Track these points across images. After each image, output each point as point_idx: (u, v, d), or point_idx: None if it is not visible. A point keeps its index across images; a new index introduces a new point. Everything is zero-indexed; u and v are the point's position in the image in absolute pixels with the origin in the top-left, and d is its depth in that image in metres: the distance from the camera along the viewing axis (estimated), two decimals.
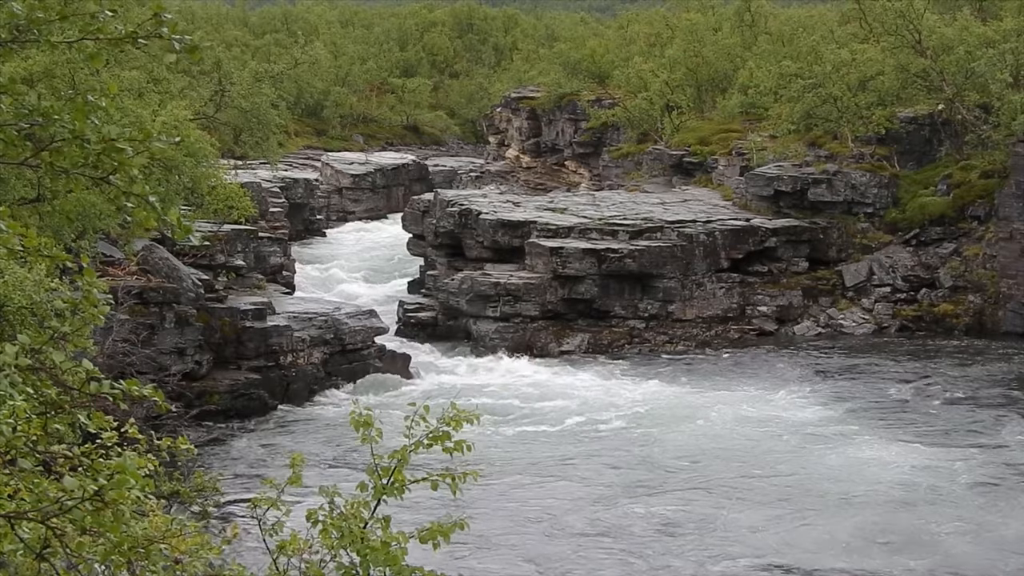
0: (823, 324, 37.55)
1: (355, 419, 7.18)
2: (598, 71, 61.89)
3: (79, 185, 6.37)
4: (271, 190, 47.67)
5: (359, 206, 62.20)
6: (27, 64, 23.41)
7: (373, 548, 6.63)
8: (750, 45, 55.08)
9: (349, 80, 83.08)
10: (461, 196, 43.16)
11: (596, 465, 25.11)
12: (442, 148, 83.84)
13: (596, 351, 35.88)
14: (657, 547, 20.53)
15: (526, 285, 36.22)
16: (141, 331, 26.31)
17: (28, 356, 6.42)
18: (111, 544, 6.20)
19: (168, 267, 28.52)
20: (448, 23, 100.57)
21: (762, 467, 24.69)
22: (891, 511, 21.91)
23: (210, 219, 31.77)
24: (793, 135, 42.16)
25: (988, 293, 36.70)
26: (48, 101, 6.06)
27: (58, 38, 6.34)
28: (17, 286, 14.34)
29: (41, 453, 6.35)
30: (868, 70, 42.13)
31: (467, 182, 65.31)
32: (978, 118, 39.59)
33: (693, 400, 30.14)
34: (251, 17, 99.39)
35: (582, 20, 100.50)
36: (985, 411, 28.14)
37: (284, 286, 37.18)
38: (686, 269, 37.24)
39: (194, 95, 40.24)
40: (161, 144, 6.11)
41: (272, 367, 29.95)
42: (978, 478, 23.50)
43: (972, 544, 20.35)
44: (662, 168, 48.05)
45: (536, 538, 21.07)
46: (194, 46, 6.04)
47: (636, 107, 53.43)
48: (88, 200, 21.24)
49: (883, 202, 39.51)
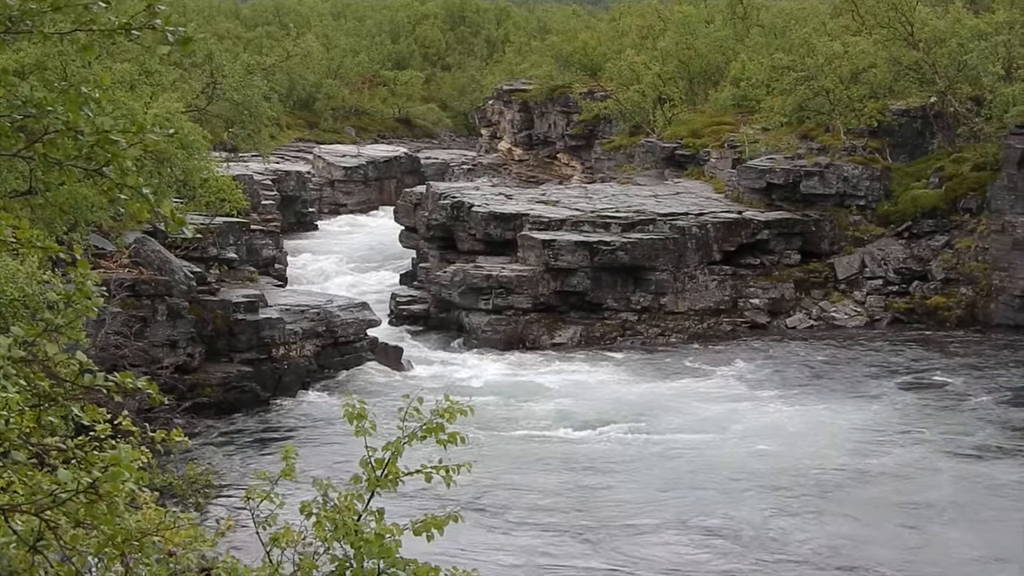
0: (815, 317, 37.58)
1: (348, 411, 7.18)
2: (590, 64, 61.85)
3: (72, 177, 6.34)
4: (263, 183, 47.65)
5: (351, 199, 62.15)
6: (19, 56, 23.34)
7: (367, 540, 6.63)
8: (742, 37, 55.08)
9: (341, 73, 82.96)
10: (453, 189, 43.14)
11: (594, 462, 25.02)
12: (434, 141, 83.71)
13: (588, 344, 35.89)
14: (656, 548, 20.56)
15: (518, 278, 36.22)
16: (133, 324, 26.29)
17: (21, 348, 6.41)
18: (105, 537, 6.19)
19: (160, 260, 28.48)
20: (440, 15, 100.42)
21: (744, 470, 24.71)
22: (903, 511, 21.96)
23: (202, 212, 31.73)
24: (785, 128, 42.16)
25: (980, 285, 36.75)
26: (41, 93, 6.04)
27: (51, 29, 6.32)
28: (10, 278, 14.32)
29: (34, 445, 6.34)
30: (860, 63, 42.13)
31: (459, 175, 65.26)
32: (970, 111, 39.63)
33: (688, 393, 30.18)
34: (243, 9, 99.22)
35: (574, 13, 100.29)
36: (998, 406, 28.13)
37: (276, 279, 37.18)
38: (678, 262, 37.25)
39: (186, 87, 40.14)
40: (155, 136, 6.10)
41: (264, 359, 29.92)
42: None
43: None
44: (654, 161, 48.05)
45: (529, 532, 21.09)
46: (187, 38, 6.03)
47: (628, 100, 53.44)
48: (80, 192, 21.20)
49: (875, 195, 39.55)
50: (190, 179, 28.97)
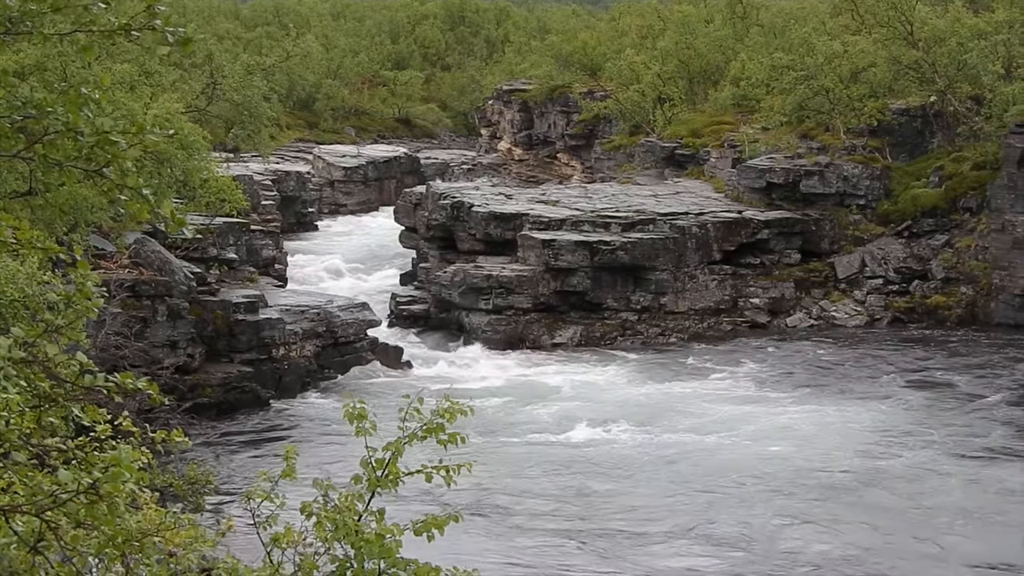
0: (815, 316, 37.58)
1: (348, 411, 7.18)
2: (590, 63, 61.82)
3: (72, 178, 6.34)
4: (263, 183, 47.62)
5: (351, 199, 62.13)
6: (18, 57, 23.34)
7: (367, 541, 6.63)
8: (742, 37, 55.05)
9: (341, 73, 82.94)
10: (453, 189, 43.14)
11: (600, 465, 24.83)
12: (434, 141, 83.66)
13: (588, 343, 35.88)
14: (668, 558, 20.52)
15: (518, 277, 36.22)
16: (133, 324, 26.29)
17: (21, 349, 6.41)
18: (105, 537, 6.19)
19: (160, 260, 28.48)
20: (440, 16, 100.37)
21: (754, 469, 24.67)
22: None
23: (202, 212, 31.72)
24: (785, 127, 42.14)
25: (980, 284, 36.75)
26: (41, 93, 6.04)
27: (51, 30, 6.32)
28: (10, 279, 14.32)
29: (35, 446, 6.34)
30: (860, 62, 42.12)
31: (459, 175, 65.24)
32: (970, 110, 39.63)
33: (694, 394, 30.16)
34: (243, 10, 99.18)
35: (574, 12, 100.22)
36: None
37: (276, 279, 37.17)
38: (678, 261, 37.25)
39: (186, 88, 40.14)
40: (155, 137, 6.10)
41: (264, 360, 29.92)
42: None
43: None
44: (654, 160, 48.04)
45: (532, 539, 21.00)
46: (187, 39, 6.03)
47: (628, 99, 53.42)
48: (80, 193, 21.19)
49: (875, 194, 39.55)
50: (190, 180, 28.96)
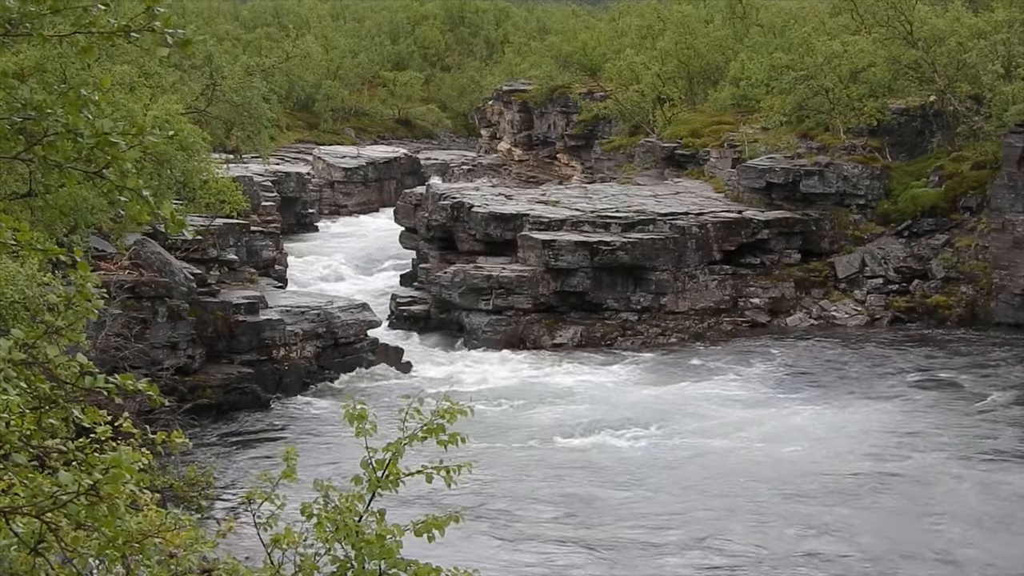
0: (815, 316, 37.57)
1: (349, 412, 7.18)
2: (589, 64, 61.83)
3: (72, 179, 6.34)
4: (263, 184, 47.61)
5: (351, 200, 62.12)
6: (18, 58, 23.34)
7: (368, 541, 6.63)
8: (741, 37, 55.03)
9: (340, 74, 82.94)
10: (453, 189, 43.14)
11: (604, 468, 24.73)
12: (434, 141, 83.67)
13: (589, 344, 35.87)
14: (646, 546, 20.53)
15: (518, 278, 36.21)
16: (134, 325, 26.28)
17: (22, 351, 6.41)
18: (106, 538, 6.19)
19: (160, 261, 28.48)
20: (439, 16, 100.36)
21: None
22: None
23: (202, 213, 31.73)
24: (785, 127, 42.14)
25: (980, 284, 36.75)
26: (40, 95, 6.05)
27: (50, 32, 6.32)
28: (10, 280, 14.33)
29: (35, 448, 6.34)
30: (859, 61, 42.12)
31: (459, 175, 65.23)
32: (970, 109, 39.62)
33: (698, 395, 30.15)
34: (242, 11, 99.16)
35: (573, 13, 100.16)
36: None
37: (276, 280, 37.17)
38: (678, 261, 37.24)
39: (185, 89, 40.15)
40: (155, 138, 6.10)
41: (265, 361, 29.93)
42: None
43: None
44: (654, 160, 48.03)
45: (535, 545, 20.90)
46: (187, 40, 6.03)
47: (628, 100, 53.42)
48: (80, 195, 21.20)
49: (875, 194, 39.54)
50: (190, 181, 28.97)
